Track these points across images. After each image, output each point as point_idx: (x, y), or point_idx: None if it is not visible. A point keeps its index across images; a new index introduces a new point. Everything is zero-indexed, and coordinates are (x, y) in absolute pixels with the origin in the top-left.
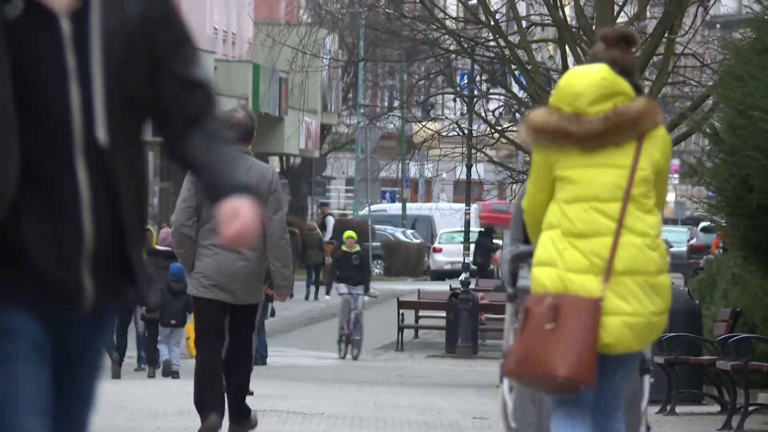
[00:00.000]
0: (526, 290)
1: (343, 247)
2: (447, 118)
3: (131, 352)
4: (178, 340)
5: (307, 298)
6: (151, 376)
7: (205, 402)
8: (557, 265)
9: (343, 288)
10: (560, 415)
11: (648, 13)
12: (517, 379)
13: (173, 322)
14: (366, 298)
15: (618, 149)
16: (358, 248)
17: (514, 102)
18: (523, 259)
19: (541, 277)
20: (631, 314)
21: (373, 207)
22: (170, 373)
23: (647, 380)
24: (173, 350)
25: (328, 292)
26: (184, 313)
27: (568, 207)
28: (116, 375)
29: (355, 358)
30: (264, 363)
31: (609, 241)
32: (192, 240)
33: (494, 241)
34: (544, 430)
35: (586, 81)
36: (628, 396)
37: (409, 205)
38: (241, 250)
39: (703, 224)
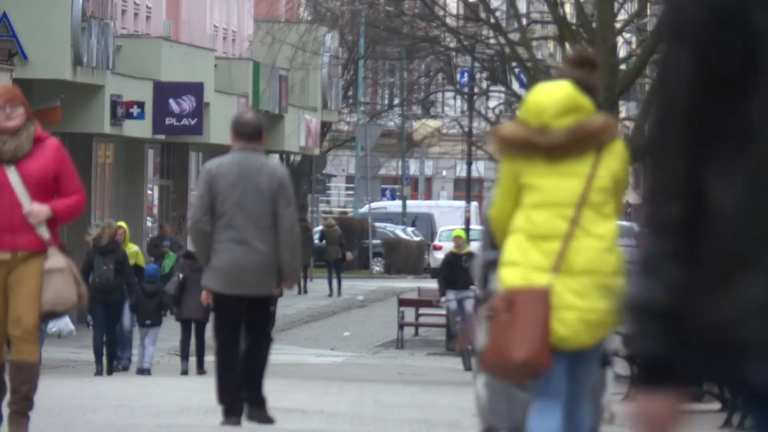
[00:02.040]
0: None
1: (452, 248)
2: (447, 115)
3: (132, 350)
4: (153, 339)
5: (330, 294)
6: (184, 373)
7: (226, 401)
8: (521, 264)
9: (450, 294)
10: (536, 407)
11: (648, 11)
12: (491, 373)
13: (148, 322)
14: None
15: (579, 159)
16: (468, 249)
17: (514, 99)
18: (493, 264)
19: (507, 276)
20: (587, 310)
21: (374, 204)
22: (141, 371)
23: (609, 373)
24: (148, 348)
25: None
26: (159, 313)
27: (534, 212)
28: (108, 372)
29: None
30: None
31: (568, 242)
32: (208, 235)
33: None
34: (513, 421)
35: (551, 97)
36: (591, 387)
37: (409, 202)
38: (254, 243)
39: None
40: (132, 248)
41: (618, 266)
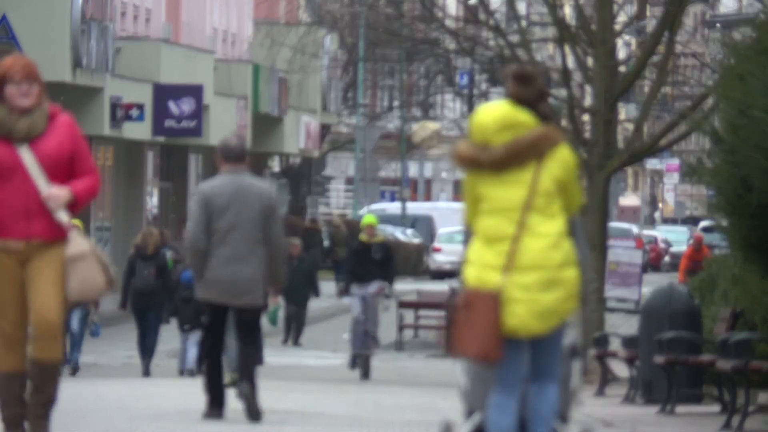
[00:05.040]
0: None
1: (361, 236)
2: (447, 117)
3: (130, 352)
4: (194, 342)
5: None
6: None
7: (210, 396)
8: (476, 263)
9: (355, 289)
10: (494, 401)
11: (648, 13)
12: (458, 357)
13: (186, 327)
14: (387, 302)
15: (521, 169)
16: (380, 238)
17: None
18: None
19: (466, 273)
20: (534, 302)
21: (373, 206)
22: (182, 372)
23: (576, 364)
24: (189, 351)
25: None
26: (198, 318)
27: (486, 218)
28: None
29: (366, 377)
30: (261, 362)
31: (516, 243)
32: (204, 252)
33: None
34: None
35: (490, 116)
36: (560, 375)
37: (408, 204)
38: (246, 258)
39: (703, 223)
40: None
41: (565, 260)
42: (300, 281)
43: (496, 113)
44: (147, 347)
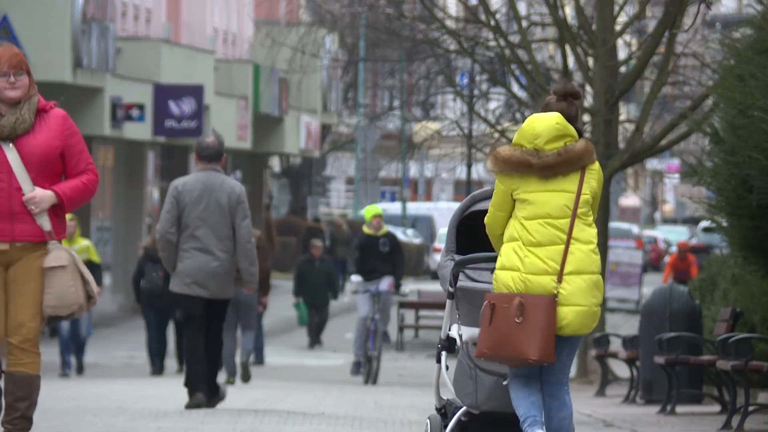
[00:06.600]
0: (464, 290)
1: (366, 229)
2: (447, 117)
3: (131, 352)
4: None
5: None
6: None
7: (193, 382)
8: (519, 269)
9: (361, 286)
10: (517, 383)
11: (648, 13)
12: (492, 360)
13: None
14: (398, 297)
15: (566, 178)
16: (385, 230)
17: (514, 102)
18: (466, 264)
19: (506, 279)
20: (578, 304)
21: None
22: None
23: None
24: None
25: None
26: None
27: (528, 223)
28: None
29: (374, 381)
30: (261, 363)
31: (561, 248)
32: (174, 244)
33: None
34: (478, 399)
35: (544, 124)
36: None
37: (409, 204)
38: (214, 252)
39: (703, 224)
40: (83, 243)
41: (600, 266)
42: (321, 282)
43: (551, 122)
44: (156, 348)
